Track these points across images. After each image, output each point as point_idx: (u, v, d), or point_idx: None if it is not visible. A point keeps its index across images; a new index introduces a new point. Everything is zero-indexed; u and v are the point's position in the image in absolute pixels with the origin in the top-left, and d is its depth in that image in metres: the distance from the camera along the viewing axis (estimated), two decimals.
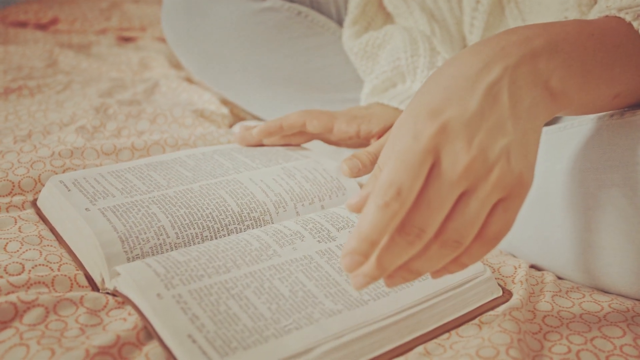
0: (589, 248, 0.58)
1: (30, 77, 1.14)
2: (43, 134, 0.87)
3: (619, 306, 0.56)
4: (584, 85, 0.50)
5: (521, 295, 0.56)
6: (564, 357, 0.49)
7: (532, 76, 0.47)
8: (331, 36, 0.95)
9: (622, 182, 0.54)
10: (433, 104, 0.44)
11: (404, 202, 0.40)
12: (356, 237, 0.41)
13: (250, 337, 0.47)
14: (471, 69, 0.46)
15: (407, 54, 0.83)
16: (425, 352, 0.49)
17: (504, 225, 0.44)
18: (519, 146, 0.44)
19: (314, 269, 0.55)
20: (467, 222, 0.42)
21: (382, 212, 0.40)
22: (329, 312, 0.50)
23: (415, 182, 0.41)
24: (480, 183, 0.42)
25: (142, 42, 1.51)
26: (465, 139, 0.42)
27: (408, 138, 0.42)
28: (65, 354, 0.45)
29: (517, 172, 0.43)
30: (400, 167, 0.41)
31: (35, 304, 0.50)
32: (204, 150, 0.76)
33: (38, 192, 0.69)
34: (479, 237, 0.44)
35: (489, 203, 0.43)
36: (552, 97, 0.48)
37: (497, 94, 0.45)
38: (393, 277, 0.44)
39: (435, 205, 0.41)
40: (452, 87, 0.45)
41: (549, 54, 0.48)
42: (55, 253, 0.59)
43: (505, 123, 0.44)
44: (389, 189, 0.40)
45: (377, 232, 0.40)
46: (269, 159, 0.74)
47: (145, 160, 0.72)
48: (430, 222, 0.41)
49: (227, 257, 0.55)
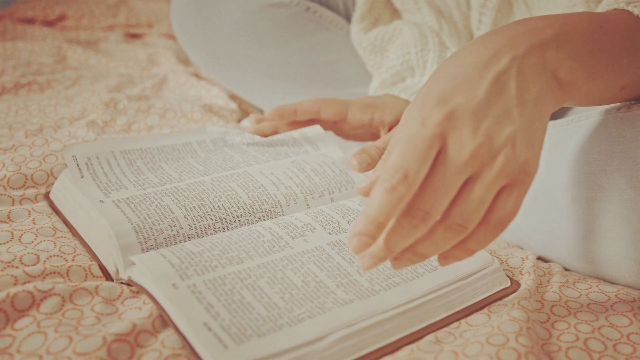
0: (594, 239, 0.59)
1: (39, 72, 1.15)
2: (54, 128, 0.88)
3: (625, 296, 0.57)
4: (592, 76, 0.50)
5: (529, 285, 0.57)
6: (572, 345, 0.50)
7: (540, 66, 0.48)
8: (339, 32, 0.96)
9: (629, 174, 0.55)
10: (441, 91, 0.45)
11: (410, 186, 0.41)
12: (363, 219, 0.42)
13: (264, 325, 0.48)
14: (480, 58, 0.47)
15: (417, 48, 0.84)
16: (435, 340, 0.50)
17: (509, 211, 0.45)
18: (525, 134, 0.45)
19: (326, 260, 0.56)
20: (472, 207, 0.43)
21: (389, 195, 0.41)
22: (341, 301, 0.51)
23: (422, 166, 0.42)
24: (485, 169, 0.43)
25: (150, 38, 1.52)
26: (471, 125, 0.43)
27: (416, 124, 0.44)
28: (82, 341, 0.46)
29: (522, 159, 0.44)
30: (407, 152, 0.42)
31: (51, 293, 0.51)
32: (214, 137, 0.77)
33: (51, 185, 0.70)
34: (484, 223, 0.45)
35: (493, 189, 0.44)
36: (560, 87, 0.49)
37: (505, 83, 0.46)
38: (399, 260, 0.46)
39: (440, 189, 0.43)
40: (461, 75, 0.46)
41: (558, 44, 0.49)
42: (69, 244, 0.60)
43: (511, 111, 0.45)
44: (396, 173, 0.41)
45: (384, 215, 0.42)
46: (278, 153, 0.75)
47: (157, 141, 0.73)
48: (436, 206, 0.43)
49: (240, 248, 0.56)
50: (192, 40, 1.04)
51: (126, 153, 0.69)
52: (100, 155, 0.67)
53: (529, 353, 0.46)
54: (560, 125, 0.64)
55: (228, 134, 0.78)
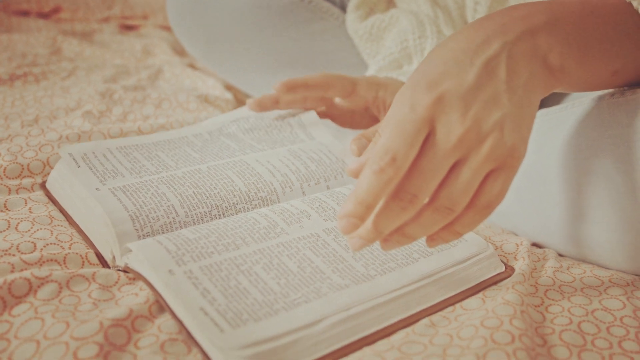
0: (587, 225, 0.59)
1: (34, 64, 1.15)
2: (50, 118, 0.88)
3: (619, 281, 0.57)
4: (583, 62, 0.51)
5: (523, 270, 0.57)
6: (565, 328, 0.50)
7: (531, 52, 0.48)
8: (334, 21, 0.96)
9: (622, 159, 0.55)
10: (431, 76, 0.46)
11: (398, 169, 0.42)
12: (352, 200, 0.43)
13: (260, 309, 0.48)
14: (471, 43, 0.47)
15: (415, 35, 0.84)
16: (430, 324, 0.51)
17: (496, 195, 0.46)
18: (513, 119, 0.46)
19: (321, 246, 0.56)
20: (459, 190, 0.44)
21: (377, 177, 0.42)
22: (337, 286, 0.51)
23: (410, 150, 0.43)
24: (472, 153, 0.44)
25: (145, 30, 1.52)
26: (460, 110, 0.44)
27: (406, 108, 0.44)
28: (79, 327, 0.46)
29: (509, 143, 0.45)
30: (396, 135, 0.43)
31: (48, 280, 0.51)
32: (210, 129, 0.77)
33: (47, 175, 0.70)
34: (471, 206, 0.46)
35: (481, 173, 0.44)
36: (551, 72, 0.49)
37: (495, 68, 0.46)
38: (388, 241, 0.47)
39: (428, 172, 0.43)
40: (451, 60, 0.46)
41: (549, 30, 0.49)
42: (66, 232, 0.60)
43: (500, 96, 0.46)
44: (385, 156, 0.42)
45: (372, 197, 0.42)
46: (274, 141, 0.75)
47: (153, 137, 0.73)
48: (423, 189, 0.43)
49: (236, 234, 0.56)
50: (188, 31, 1.04)
51: (122, 148, 0.69)
52: (97, 151, 0.67)
53: (522, 335, 0.46)
54: (554, 111, 0.64)
55: (224, 125, 0.78)
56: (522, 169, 0.65)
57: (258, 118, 0.79)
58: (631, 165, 0.54)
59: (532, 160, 0.64)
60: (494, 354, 0.44)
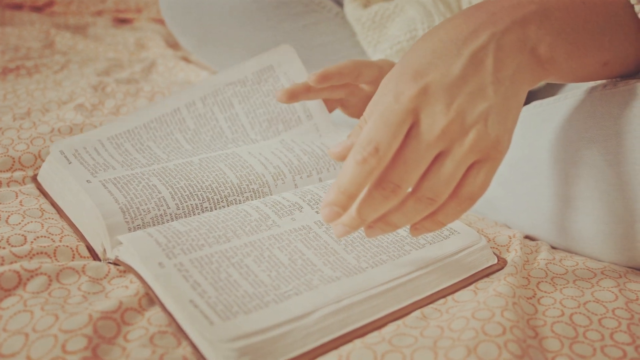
0: (577, 217, 0.59)
1: (27, 57, 1.14)
2: (42, 111, 0.87)
3: (611, 273, 0.57)
4: (573, 53, 0.51)
5: (515, 262, 0.57)
6: (557, 320, 0.50)
7: (520, 43, 0.48)
8: (327, 13, 0.95)
9: (615, 151, 0.55)
10: (418, 65, 0.46)
11: (381, 159, 0.43)
12: (335, 189, 0.44)
13: (250, 302, 0.48)
14: (460, 33, 0.47)
15: (424, 25, 0.83)
16: (422, 317, 0.50)
17: (478, 186, 0.46)
18: (498, 111, 0.46)
19: (313, 239, 0.56)
20: (442, 181, 0.45)
21: (360, 167, 0.43)
22: (328, 278, 0.51)
23: (393, 140, 0.43)
24: (456, 145, 0.44)
25: (138, 23, 1.51)
26: (444, 101, 0.44)
27: (390, 98, 0.44)
28: (68, 319, 0.46)
29: (493, 136, 0.45)
30: (380, 126, 0.43)
31: (38, 273, 0.51)
32: (205, 92, 0.75)
33: (38, 168, 0.70)
34: (453, 196, 0.46)
35: (464, 164, 0.45)
36: (539, 63, 0.49)
37: (482, 60, 0.46)
38: (372, 228, 0.48)
39: (411, 163, 0.44)
40: (439, 50, 0.46)
41: (539, 21, 0.49)
42: (57, 225, 0.59)
43: (486, 88, 0.46)
44: (368, 146, 0.43)
45: (354, 186, 0.43)
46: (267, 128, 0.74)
47: (144, 117, 0.72)
48: (406, 179, 0.44)
49: (227, 227, 0.56)
50: (181, 24, 1.03)
51: (113, 138, 0.69)
52: (88, 145, 0.67)
53: (514, 327, 0.46)
54: (546, 104, 0.64)
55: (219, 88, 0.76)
56: (514, 162, 0.65)
57: (255, 83, 0.77)
58: (622, 157, 0.54)
59: (524, 153, 0.64)
60: (485, 345, 0.44)
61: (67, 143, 0.66)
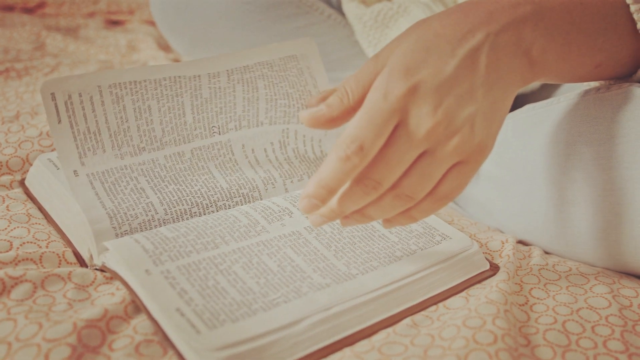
0: (570, 223, 0.58)
1: (17, 59, 1.13)
2: (31, 114, 0.86)
3: (604, 279, 0.57)
4: (565, 55, 0.50)
5: (508, 268, 0.56)
6: (550, 327, 0.49)
7: (514, 44, 0.47)
8: (319, 16, 0.94)
9: (607, 155, 0.54)
10: (410, 62, 0.45)
11: (364, 157, 0.43)
12: (315, 183, 0.44)
13: (238, 310, 0.47)
14: (457, 32, 0.46)
15: None
16: (412, 324, 0.50)
17: (455, 187, 0.47)
18: (485, 115, 0.46)
19: (302, 245, 0.55)
20: (422, 181, 0.45)
21: (342, 164, 0.43)
22: (318, 285, 0.50)
23: (377, 139, 0.43)
24: (439, 146, 0.44)
25: (131, 25, 1.50)
26: (433, 103, 0.44)
27: (379, 95, 0.44)
28: (52, 328, 0.45)
29: (478, 140, 0.45)
30: (365, 123, 0.43)
31: (23, 280, 0.50)
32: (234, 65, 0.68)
33: (26, 172, 0.69)
34: (430, 194, 0.47)
35: (445, 166, 0.45)
36: (530, 65, 0.49)
37: (475, 61, 0.46)
38: (348, 219, 0.48)
39: (393, 162, 0.44)
40: (433, 48, 0.46)
41: (535, 22, 0.48)
42: (44, 231, 0.59)
43: (476, 90, 0.45)
44: (352, 144, 0.42)
45: (335, 182, 0.43)
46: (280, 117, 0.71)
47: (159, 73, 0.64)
48: (387, 177, 0.44)
49: (216, 233, 0.55)
50: (172, 26, 1.02)
51: (115, 87, 0.61)
52: (84, 92, 0.60)
53: (505, 335, 0.45)
54: (540, 106, 0.63)
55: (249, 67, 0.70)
56: (508, 166, 0.64)
57: (281, 70, 0.70)
58: (615, 161, 0.54)
59: (517, 156, 0.63)
60: (476, 354, 0.44)
61: (61, 86, 0.59)
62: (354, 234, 0.57)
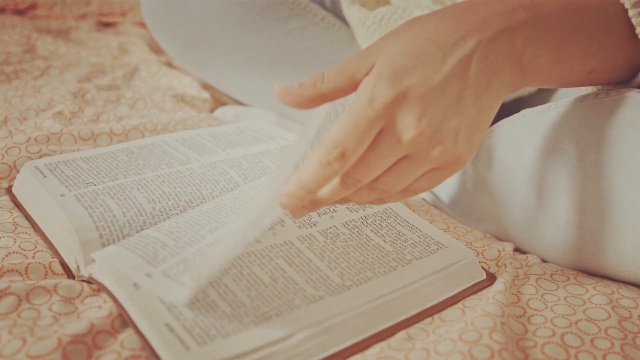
0: (570, 230, 0.57)
1: (7, 62, 1.12)
2: (19, 119, 0.85)
3: (604, 289, 0.55)
4: (557, 62, 0.50)
5: (505, 278, 0.55)
6: (548, 341, 0.48)
7: (506, 51, 0.47)
8: (313, 18, 0.93)
9: (607, 162, 0.53)
10: (399, 67, 0.44)
11: (345, 164, 0.43)
12: (296, 183, 0.44)
13: (229, 324, 0.46)
14: (449, 37, 0.46)
15: None
16: (407, 337, 0.48)
17: (427, 186, 0.48)
18: (468, 128, 0.46)
19: (295, 255, 0.54)
20: (398, 179, 0.46)
21: (323, 168, 0.43)
22: (310, 298, 0.49)
23: (360, 145, 0.43)
24: (421, 154, 0.45)
25: (122, 27, 1.49)
26: (418, 112, 0.43)
27: (365, 99, 0.43)
28: (37, 344, 0.44)
29: (459, 152, 0.46)
30: (348, 129, 0.43)
31: (7, 292, 0.49)
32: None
33: (13, 179, 0.68)
34: (403, 189, 0.48)
35: (422, 170, 0.46)
36: (520, 72, 0.48)
37: (465, 69, 0.45)
38: None
39: (374, 165, 0.44)
40: (423, 54, 0.45)
41: (529, 29, 0.47)
42: (30, 240, 0.57)
43: (463, 100, 0.45)
44: (334, 150, 0.42)
45: (315, 185, 0.44)
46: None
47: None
48: (366, 177, 0.45)
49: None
50: (163, 29, 1.01)
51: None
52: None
53: (502, 350, 0.44)
54: (537, 112, 0.62)
55: None
56: (504, 172, 0.63)
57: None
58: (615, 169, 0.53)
59: (514, 162, 0.62)
60: None
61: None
62: (347, 244, 0.56)
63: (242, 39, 0.94)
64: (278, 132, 0.78)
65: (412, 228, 0.60)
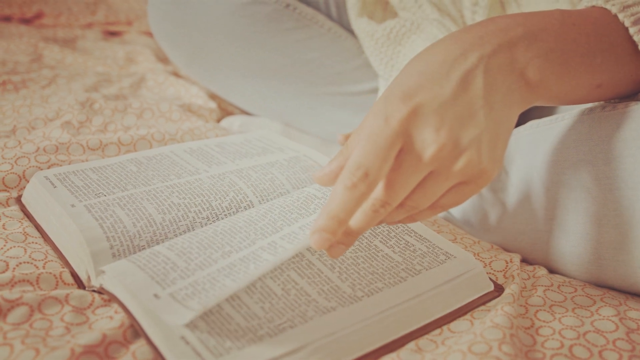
0: (576, 242, 0.57)
1: (14, 71, 1.12)
2: (28, 129, 0.86)
3: (611, 300, 0.56)
4: (563, 75, 0.50)
5: (513, 289, 0.55)
6: (556, 352, 0.49)
7: (508, 65, 0.47)
8: (319, 29, 0.94)
9: (614, 174, 0.54)
10: (407, 87, 0.45)
11: (371, 184, 0.42)
12: (325, 215, 0.43)
13: (244, 336, 0.46)
14: (449, 55, 0.47)
15: None
16: (417, 349, 0.49)
17: (455, 202, 0.48)
18: (490, 137, 0.46)
19: (306, 267, 0.54)
20: (426, 197, 0.46)
21: (349, 192, 0.42)
22: (323, 309, 0.49)
23: (383, 164, 0.43)
24: (444, 168, 0.44)
25: (129, 36, 1.50)
26: (434, 125, 0.44)
27: (380, 120, 0.44)
28: (50, 354, 0.44)
29: (484, 164, 0.45)
30: (369, 150, 0.43)
31: (19, 303, 0.49)
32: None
33: (23, 189, 0.68)
34: (431, 206, 0.48)
35: (449, 184, 0.46)
36: (528, 86, 0.49)
37: (471, 82, 0.46)
38: None
39: (401, 185, 0.44)
40: (428, 72, 0.46)
41: (527, 43, 0.48)
42: (41, 250, 0.58)
43: (477, 112, 0.45)
44: (357, 171, 0.42)
45: (344, 212, 0.43)
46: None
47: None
48: (395, 199, 0.44)
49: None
50: (170, 39, 1.01)
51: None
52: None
53: None
54: (544, 123, 0.63)
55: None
56: (514, 184, 0.63)
57: None
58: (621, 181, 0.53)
59: (522, 175, 0.62)
60: None
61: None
62: (357, 254, 0.57)
63: (248, 50, 0.95)
64: (285, 142, 0.78)
65: (420, 238, 0.60)
